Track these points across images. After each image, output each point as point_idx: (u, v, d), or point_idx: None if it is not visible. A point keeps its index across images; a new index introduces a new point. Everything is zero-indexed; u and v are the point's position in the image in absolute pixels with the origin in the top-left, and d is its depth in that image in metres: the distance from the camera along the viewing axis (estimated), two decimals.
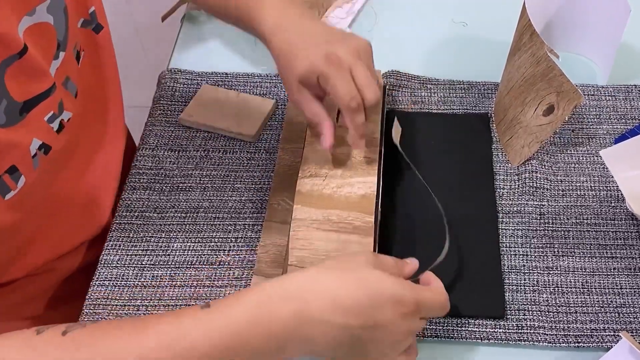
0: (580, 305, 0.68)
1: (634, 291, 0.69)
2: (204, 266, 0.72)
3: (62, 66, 0.65)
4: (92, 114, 0.76)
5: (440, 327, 0.67)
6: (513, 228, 0.73)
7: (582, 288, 0.69)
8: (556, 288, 0.69)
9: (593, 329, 0.67)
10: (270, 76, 0.88)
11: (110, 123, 0.80)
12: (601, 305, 0.68)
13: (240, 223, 0.75)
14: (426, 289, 0.59)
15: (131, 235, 0.75)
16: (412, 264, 0.63)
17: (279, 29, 0.71)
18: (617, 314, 0.68)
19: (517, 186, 0.77)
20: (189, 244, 0.74)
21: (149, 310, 0.69)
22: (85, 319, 0.68)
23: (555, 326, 0.67)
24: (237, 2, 0.76)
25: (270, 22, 0.71)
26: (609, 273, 0.70)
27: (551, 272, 0.70)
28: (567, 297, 0.69)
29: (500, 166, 0.79)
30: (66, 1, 0.65)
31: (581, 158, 0.79)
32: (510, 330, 0.66)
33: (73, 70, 0.69)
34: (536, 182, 0.76)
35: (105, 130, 0.79)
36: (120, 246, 0.74)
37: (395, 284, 0.56)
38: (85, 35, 0.71)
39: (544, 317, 0.67)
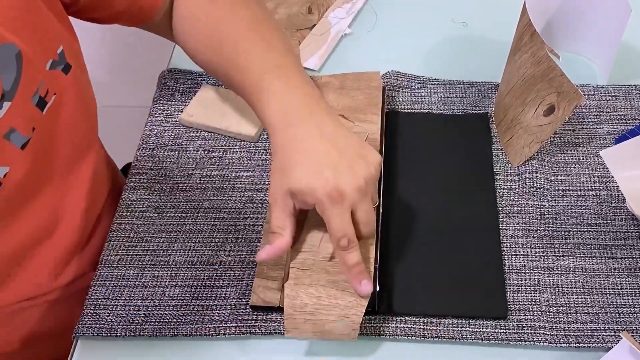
0: (580, 305, 0.68)
1: (635, 291, 0.69)
2: (204, 266, 0.72)
3: (6, 117, 0.61)
4: (48, 163, 0.70)
5: (442, 328, 0.67)
6: (513, 228, 0.73)
7: (583, 288, 0.69)
8: (557, 288, 0.69)
9: (593, 329, 0.67)
10: None
11: (81, 165, 0.74)
12: (602, 306, 0.68)
13: (240, 223, 0.75)
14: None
15: (131, 235, 0.75)
16: None
17: (282, 127, 0.64)
18: (617, 314, 0.68)
19: (517, 186, 0.77)
20: (189, 244, 0.74)
21: (149, 311, 0.69)
22: (86, 319, 0.68)
23: (555, 326, 0.67)
24: (231, 76, 0.70)
25: (275, 114, 0.64)
26: (610, 273, 0.70)
27: (552, 272, 0.70)
28: (567, 298, 0.69)
29: (500, 166, 0.79)
30: (23, 44, 0.61)
31: (581, 158, 0.79)
32: (510, 331, 0.66)
33: (26, 120, 0.63)
34: (536, 182, 0.76)
35: (68, 176, 0.73)
36: (120, 246, 0.74)
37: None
38: (55, 77, 0.66)
39: (544, 318, 0.67)
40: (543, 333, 0.66)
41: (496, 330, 0.67)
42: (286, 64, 0.68)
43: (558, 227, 0.74)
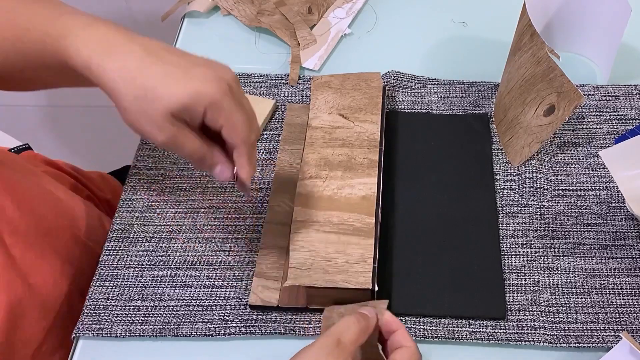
0: (580, 305, 0.68)
1: (634, 291, 0.69)
2: (204, 267, 0.72)
3: None
4: None
5: (441, 328, 0.67)
6: (513, 228, 0.73)
7: (583, 288, 0.69)
8: (556, 288, 0.69)
9: (593, 330, 0.67)
10: (270, 76, 0.88)
11: None
12: (601, 306, 0.68)
13: (240, 224, 0.75)
14: None
15: (131, 236, 0.75)
16: (372, 317, 0.59)
17: (104, 51, 0.53)
18: (617, 314, 0.68)
19: (517, 186, 0.77)
20: (189, 244, 0.74)
21: (149, 311, 0.69)
22: (86, 319, 0.68)
23: (555, 326, 0.67)
24: (19, 19, 0.56)
25: (88, 42, 0.53)
26: (610, 273, 0.70)
27: (551, 272, 0.70)
28: (567, 298, 0.69)
29: (500, 166, 0.79)
30: None
31: (581, 158, 0.79)
32: (510, 331, 0.66)
33: None
34: (536, 182, 0.76)
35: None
36: (120, 246, 0.74)
37: None
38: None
39: (544, 318, 0.67)
40: (543, 333, 0.66)
41: (496, 331, 0.67)
42: (74, 11, 0.56)
43: (558, 227, 0.74)
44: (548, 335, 0.66)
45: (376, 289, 0.65)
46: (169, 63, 0.52)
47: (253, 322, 0.68)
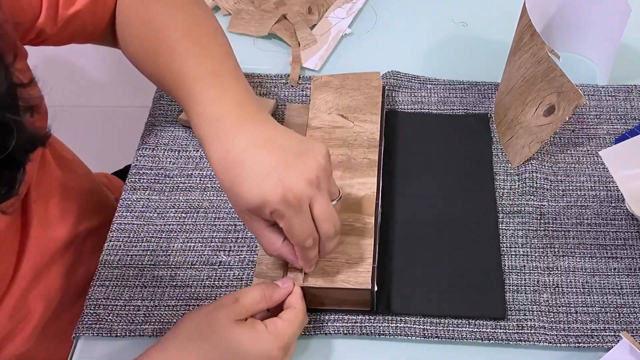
0: (580, 305, 0.68)
1: (634, 291, 0.69)
2: (204, 266, 0.72)
3: None
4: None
5: (441, 328, 0.67)
6: (513, 228, 0.73)
7: (583, 288, 0.69)
8: (556, 288, 0.69)
9: (593, 329, 0.67)
10: (270, 76, 0.88)
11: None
12: (601, 306, 0.68)
13: (240, 223, 0.75)
14: (285, 326, 0.61)
15: (131, 236, 0.75)
16: (284, 288, 0.64)
17: (217, 139, 0.60)
18: (617, 314, 0.68)
19: (517, 186, 0.77)
20: (189, 244, 0.74)
21: (149, 311, 0.69)
22: (86, 319, 0.68)
23: (555, 326, 0.67)
24: (166, 83, 0.67)
25: (206, 126, 0.61)
26: (610, 273, 0.70)
27: (551, 272, 0.70)
28: (567, 298, 0.69)
29: (500, 166, 0.79)
30: None
31: (581, 158, 0.79)
32: (510, 331, 0.66)
33: None
34: (536, 182, 0.76)
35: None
36: (120, 246, 0.74)
37: (257, 342, 0.59)
38: None
39: (544, 318, 0.67)
40: (543, 333, 0.66)
41: (496, 330, 0.67)
42: (222, 71, 0.65)
43: (558, 227, 0.74)
44: (548, 335, 0.66)
45: (376, 289, 0.65)
46: (256, 164, 0.58)
47: None
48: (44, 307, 0.73)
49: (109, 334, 0.68)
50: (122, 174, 1.01)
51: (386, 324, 0.67)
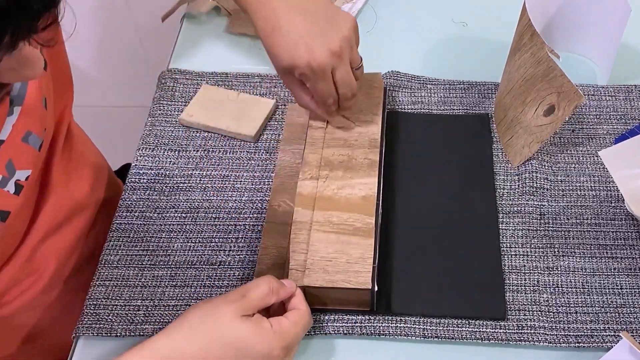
0: (580, 305, 0.68)
1: (634, 291, 0.69)
2: (204, 266, 0.72)
3: (20, 121, 0.62)
4: (58, 164, 0.73)
5: (441, 328, 0.67)
6: (513, 228, 0.73)
7: (583, 288, 0.69)
8: (556, 288, 0.69)
9: (593, 329, 0.67)
10: (270, 76, 0.88)
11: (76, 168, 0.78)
12: (601, 306, 0.68)
13: (240, 223, 0.75)
14: (289, 326, 0.61)
15: (131, 235, 0.75)
16: (289, 287, 0.64)
17: (262, 2, 0.69)
18: (617, 314, 0.68)
19: (517, 186, 0.77)
20: (189, 244, 0.74)
21: (149, 310, 0.69)
22: (86, 319, 0.68)
23: (555, 326, 0.67)
24: None
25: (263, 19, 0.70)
26: (609, 273, 0.70)
27: (551, 272, 0.70)
28: (567, 297, 0.69)
29: (500, 166, 0.79)
30: None
31: (581, 158, 0.79)
32: (510, 331, 0.66)
33: (39, 122, 0.65)
34: (536, 182, 0.76)
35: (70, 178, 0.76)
36: (120, 246, 0.74)
37: (261, 340, 0.60)
38: (45, 78, 0.68)
39: (544, 318, 0.67)
40: (543, 333, 0.66)
41: (496, 330, 0.67)
42: None
43: (558, 227, 0.74)
44: (548, 335, 0.66)
45: (376, 288, 0.65)
46: (289, 31, 0.67)
47: None
48: (55, 265, 0.75)
49: (109, 334, 0.68)
50: (119, 173, 1.01)
51: (386, 324, 0.67)
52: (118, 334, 0.67)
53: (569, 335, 0.66)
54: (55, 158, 0.74)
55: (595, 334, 0.66)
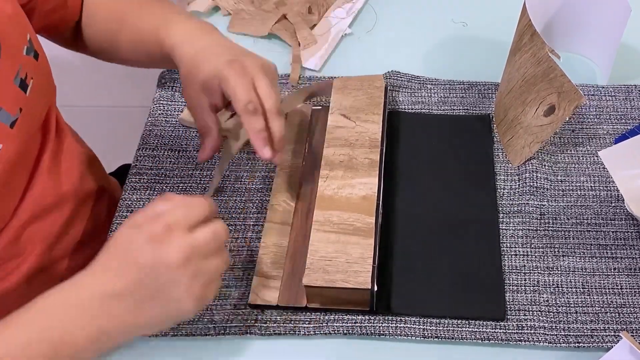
0: (580, 305, 0.68)
1: (634, 291, 0.69)
2: None
3: None
4: (32, 143, 0.73)
5: (441, 328, 0.67)
6: (513, 228, 0.74)
7: (583, 288, 0.69)
8: (556, 288, 0.69)
9: (593, 329, 0.67)
10: None
11: (51, 150, 0.77)
12: (601, 306, 0.68)
13: (240, 223, 0.75)
14: (163, 208, 0.59)
15: None
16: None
17: (187, 41, 0.72)
18: (617, 314, 0.68)
19: (517, 186, 0.77)
20: None
21: None
22: None
23: (555, 326, 0.67)
24: (141, 23, 0.77)
25: (179, 35, 0.73)
26: (609, 273, 0.70)
27: (551, 272, 0.70)
28: (567, 298, 0.69)
29: (500, 166, 0.79)
30: (1, 27, 0.63)
31: (581, 158, 0.79)
32: (510, 331, 0.66)
33: (11, 100, 0.66)
34: (536, 182, 0.76)
35: (42, 158, 0.76)
36: None
37: (129, 221, 0.58)
38: (30, 62, 0.69)
39: (544, 318, 0.67)
40: (543, 333, 0.66)
41: (496, 331, 0.67)
42: (185, 13, 0.80)
43: (558, 227, 0.74)
44: (548, 335, 0.66)
45: (375, 288, 0.65)
46: (216, 53, 0.70)
47: (253, 322, 0.68)
48: (41, 249, 0.75)
49: None
50: (118, 174, 1.01)
51: (386, 324, 0.67)
52: None
53: (569, 335, 0.66)
54: (47, 147, 0.75)
55: (595, 334, 0.66)
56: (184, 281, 0.56)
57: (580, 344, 0.66)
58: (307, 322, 0.67)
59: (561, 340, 0.66)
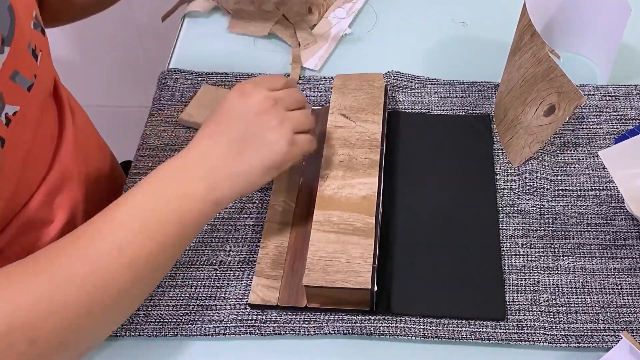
0: (580, 305, 0.68)
1: (634, 291, 0.69)
2: (204, 266, 0.72)
3: (9, 60, 0.64)
4: (49, 111, 0.76)
5: (441, 328, 0.67)
6: (513, 228, 0.74)
7: (583, 288, 0.69)
8: (556, 288, 0.69)
9: (593, 329, 0.67)
10: None
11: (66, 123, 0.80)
12: (601, 306, 0.68)
13: (240, 223, 0.75)
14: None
15: None
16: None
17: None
18: (617, 314, 0.68)
19: (517, 186, 0.77)
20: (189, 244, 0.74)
21: (148, 311, 0.69)
22: None
23: (555, 326, 0.67)
24: None
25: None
26: (610, 273, 0.70)
27: (551, 272, 0.70)
28: (567, 298, 0.69)
29: (500, 166, 0.79)
30: (11, 1, 0.64)
31: (581, 158, 0.79)
32: (510, 331, 0.66)
33: (27, 66, 0.68)
34: (536, 182, 0.76)
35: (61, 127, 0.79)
36: None
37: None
38: (37, 36, 0.71)
39: (544, 318, 0.67)
40: (543, 333, 0.66)
41: (496, 331, 0.67)
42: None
43: (558, 227, 0.74)
44: (548, 335, 0.66)
45: (375, 288, 0.65)
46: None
47: (253, 322, 0.68)
48: (67, 217, 0.76)
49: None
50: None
51: (386, 324, 0.67)
52: (118, 334, 0.67)
53: (569, 335, 0.66)
54: (65, 121, 0.78)
55: (595, 334, 0.66)
56: (274, 123, 0.65)
57: (580, 344, 0.66)
58: (307, 322, 0.67)
59: (561, 340, 0.66)
